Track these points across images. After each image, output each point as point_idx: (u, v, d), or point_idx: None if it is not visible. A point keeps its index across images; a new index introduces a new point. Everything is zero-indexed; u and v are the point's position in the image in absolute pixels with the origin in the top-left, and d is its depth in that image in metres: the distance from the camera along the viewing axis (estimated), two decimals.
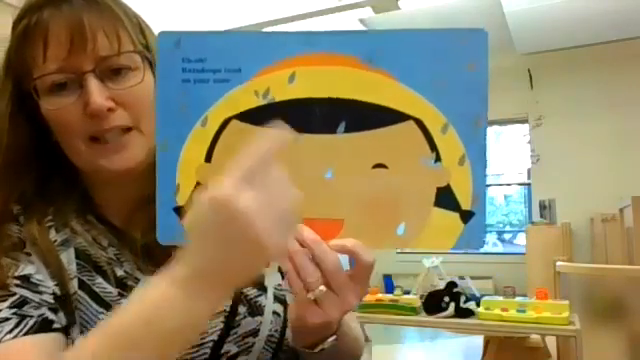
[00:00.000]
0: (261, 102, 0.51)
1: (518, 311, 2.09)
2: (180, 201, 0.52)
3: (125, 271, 0.62)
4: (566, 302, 2.10)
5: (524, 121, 6.14)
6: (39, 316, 0.55)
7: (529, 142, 6.14)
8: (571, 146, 5.72)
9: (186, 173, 0.52)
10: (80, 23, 0.57)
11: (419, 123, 0.51)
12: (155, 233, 0.53)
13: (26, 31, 0.59)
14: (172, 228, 0.51)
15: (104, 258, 0.62)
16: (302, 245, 0.50)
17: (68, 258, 0.61)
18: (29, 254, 0.59)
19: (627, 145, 5.50)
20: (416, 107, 0.51)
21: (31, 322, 0.54)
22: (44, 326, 0.55)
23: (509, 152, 6.92)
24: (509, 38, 5.34)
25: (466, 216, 0.51)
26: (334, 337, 0.59)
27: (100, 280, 0.60)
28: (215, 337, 0.62)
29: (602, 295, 2.58)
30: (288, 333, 0.67)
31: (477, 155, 0.51)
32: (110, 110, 0.58)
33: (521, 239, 5.47)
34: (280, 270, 0.70)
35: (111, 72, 0.59)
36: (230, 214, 0.42)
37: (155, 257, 0.61)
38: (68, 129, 0.59)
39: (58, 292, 0.58)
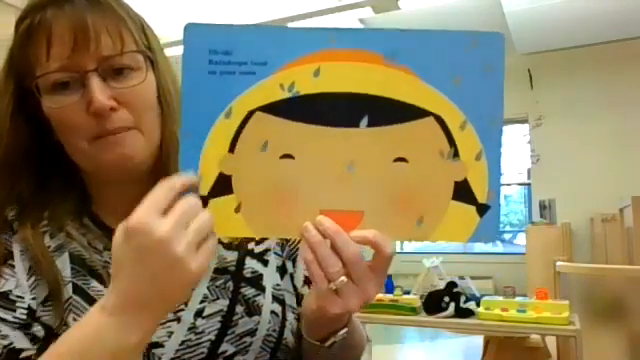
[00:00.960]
0: (286, 95, 0.52)
1: (518, 311, 2.10)
2: (203, 191, 0.52)
3: None
4: (566, 302, 2.10)
5: (524, 121, 6.14)
6: (5, 347, 0.56)
7: (529, 142, 6.15)
8: (571, 146, 5.72)
9: (209, 164, 0.52)
10: (83, 22, 0.57)
11: (439, 119, 0.53)
12: None
13: (29, 30, 0.59)
14: None
15: (99, 262, 0.62)
16: (323, 236, 0.51)
17: (62, 264, 0.61)
18: (13, 266, 0.60)
19: (627, 145, 5.51)
20: (436, 104, 0.52)
21: None
22: (9, 357, 0.56)
23: (509, 152, 6.92)
24: (509, 38, 5.34)
25: (482, 209, 0.53)
26: (345, 330, 0.60)
27: (95, 283, 0.61)
28: (212, 337, 0.62)
29: (602, 295, 2.58)
30: (287, 333, 0.67)
31: (493, 151, 0.53)
32: (112, 109, 0.58)
33: (521, 239, 5.47)
34: (278, 270, 0.70)
35: (114, 72, 0.59)
36: (145, 240, 0.45)
37: None
38: (71, 128, 0.59)
39: (34, 306, 0.58)
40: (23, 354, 0.56)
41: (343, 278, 0.51)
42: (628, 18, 4.90)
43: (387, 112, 0.52)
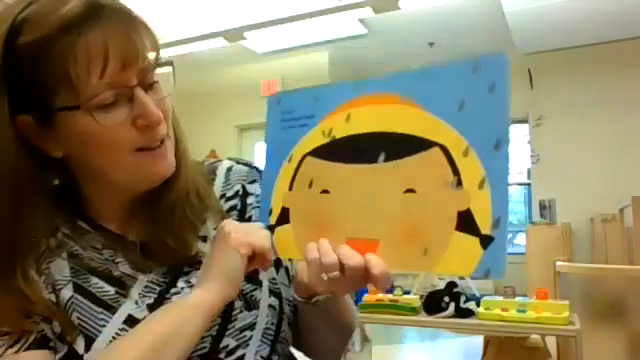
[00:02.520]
0: (326, 140, 0.62)
1: (518, 311, 2.09)
2: (272, 221, 0.65)
3: (121, 271, 0.63)
4: (566, 302, 2.10)
5: (524, 121, 6.14)
6: (39, 332, 0.57)
7: (529, 142, 6.14)
8: (571, 146, 5.71)
9: (277, 199, 0.65)
10: (130, 37, 0.57)
11: (443, 149, 0.53)
12: (153, 229, 0.64)
13: (76, 48, 0.55)
14: None
15: (99, 259, 0.63)
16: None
17: (61, 264, 0.61)
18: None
19: (627, 145, 5.50)
20: (440, 134, 0.53)
21: (32, 338, 0.57)
22: (43, 343, 0.57)
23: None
24: (509, 38, 5.34)
25: (486, 241, 0.50)
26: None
27: (96, 280, 0.61)
28: (213, 332, 0.63)
29: (602, 295, 2.58)
30: (284, 325, 0.70)
31: (497, 178, 0.50)
32: None
33: (521, 239, 5.47)
34: (273, 264, 0.72)
35: (148, 85, 0.60)
36: (222, 229, 0.62)
37: (153, 253, 0.64)
38: (115, 144, 0.58)
39: (53, 298, 0.60)
40: (51, 343, 0.58)
41: (336, 273, 0.55)
42: (628, 18, 4.90)
43: (399, 146, 0.56)
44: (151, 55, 0.59)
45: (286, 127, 0.66)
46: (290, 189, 0.64)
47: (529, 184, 6.36)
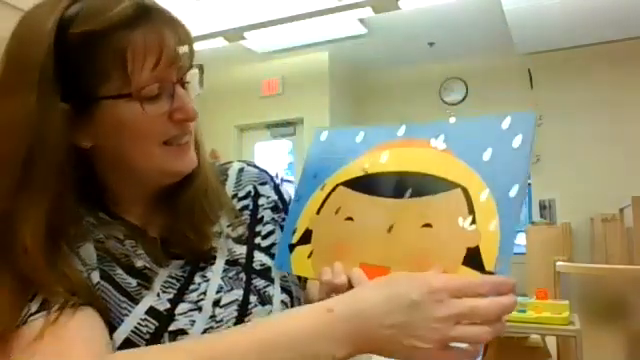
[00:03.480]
0: (360, 174, 0.68)
1: (518, 311, 2.10)
2: (294, 240, 0.71)
3: (143, 264, 0.65)
4: (566, 302, 2.11)
5: None
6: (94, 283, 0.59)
7: None
8: (571, 146, 5.71)
9: (303, 221, 0.71)
10: (178, 37, 0.62)
11: (464, 191, 0.58)
12: (173, 223, 0.67)
13: (133, 40, 0.58)
14: (285, 258, 0.71)
15: (121, 250, 0.64)
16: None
17: (90, 249, 0.62)
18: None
19: (627, 145, 5.50)
20: (464, 177, 0.59)
21: (79, 300, 0.56)
22: (91, 303, 0.57)
23: None
24: (509, 38, 5.34)
25: None
26: None
27: (120, 271, 0.63)
28: (231, 324, 0.65)
29: (602, 295, 2.58)
30: None
31: (508, 222, 0.54)
32: None
33: (521, 239, 5.46)
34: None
35: (183, 84, 0.64)
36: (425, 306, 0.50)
37: (173, 246, 0.67)
38: (149, 135, 0.61)
39: (87, 277, 0.60)
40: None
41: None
42: (628, 18, 4.90)
43: (425, 185, 0.61)
44: (188, 55, 0.63)
45: (325, 159, 0.72)
46: (318, 213, 0.70)
47: (529, 184, 6.36)
